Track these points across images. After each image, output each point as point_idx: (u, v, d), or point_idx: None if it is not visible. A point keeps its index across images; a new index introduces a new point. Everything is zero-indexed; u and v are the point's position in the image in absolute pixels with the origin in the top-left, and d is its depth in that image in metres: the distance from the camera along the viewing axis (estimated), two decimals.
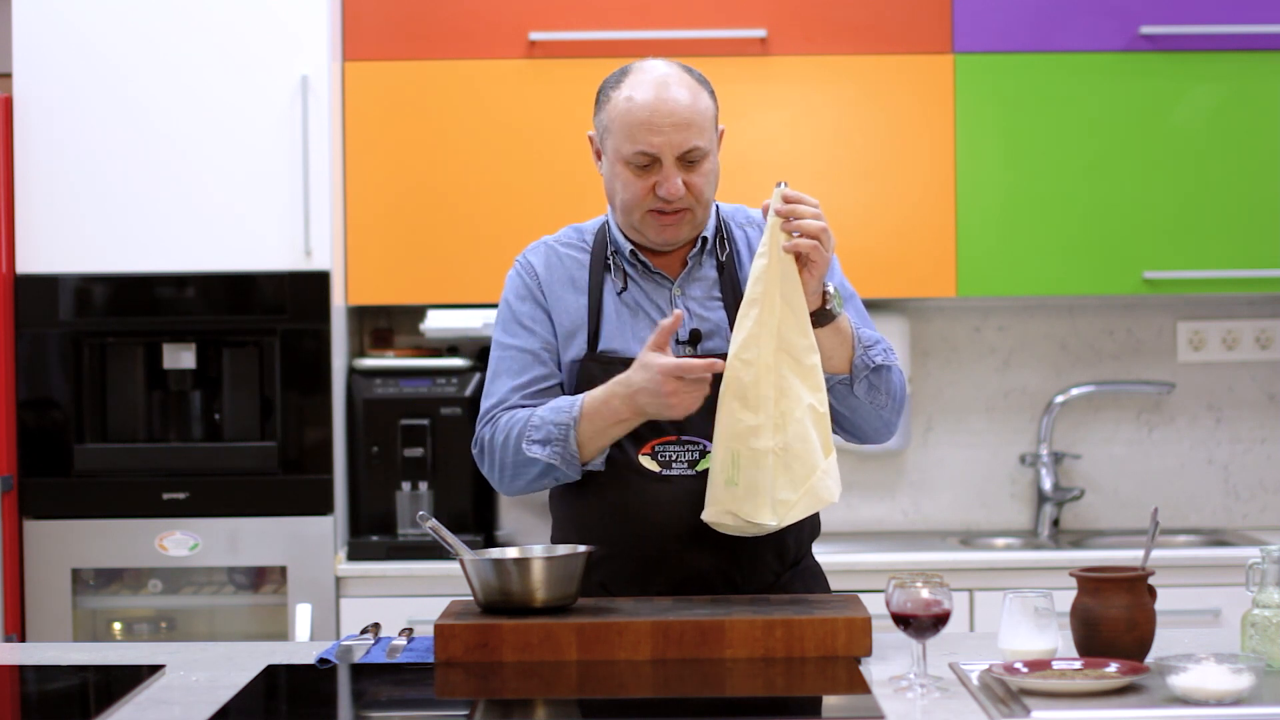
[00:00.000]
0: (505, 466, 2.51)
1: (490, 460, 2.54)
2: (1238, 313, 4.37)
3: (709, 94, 2.53)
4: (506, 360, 2.58)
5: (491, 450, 2.53)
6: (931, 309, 4.34)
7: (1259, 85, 4.01)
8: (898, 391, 2.52)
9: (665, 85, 2.48)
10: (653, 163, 2.47)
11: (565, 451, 2.45)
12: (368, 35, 3.98)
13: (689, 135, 2.46)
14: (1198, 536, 4.24)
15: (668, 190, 2.47)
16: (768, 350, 2.39)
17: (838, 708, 2.09)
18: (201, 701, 2.12)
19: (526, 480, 2.52)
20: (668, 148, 2.46)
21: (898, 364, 2.52)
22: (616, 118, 2.49)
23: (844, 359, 2.47)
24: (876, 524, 4.36)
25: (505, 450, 2.50)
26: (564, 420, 2.45)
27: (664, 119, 2.45)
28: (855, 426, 2.56)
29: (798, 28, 4.00)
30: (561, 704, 2.15)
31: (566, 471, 2.48)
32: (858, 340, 2.47)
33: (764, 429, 2.38)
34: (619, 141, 2.49)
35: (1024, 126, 4.01)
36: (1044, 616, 2.20)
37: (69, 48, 3.80)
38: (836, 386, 2.49)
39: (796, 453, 2.39)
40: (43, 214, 3.79)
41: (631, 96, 2.48)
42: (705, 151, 2.49)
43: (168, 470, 3.81)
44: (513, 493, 2.57)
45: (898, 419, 2.56)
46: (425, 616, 2.97)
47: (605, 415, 2.43)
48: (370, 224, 3.98)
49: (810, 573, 2.63)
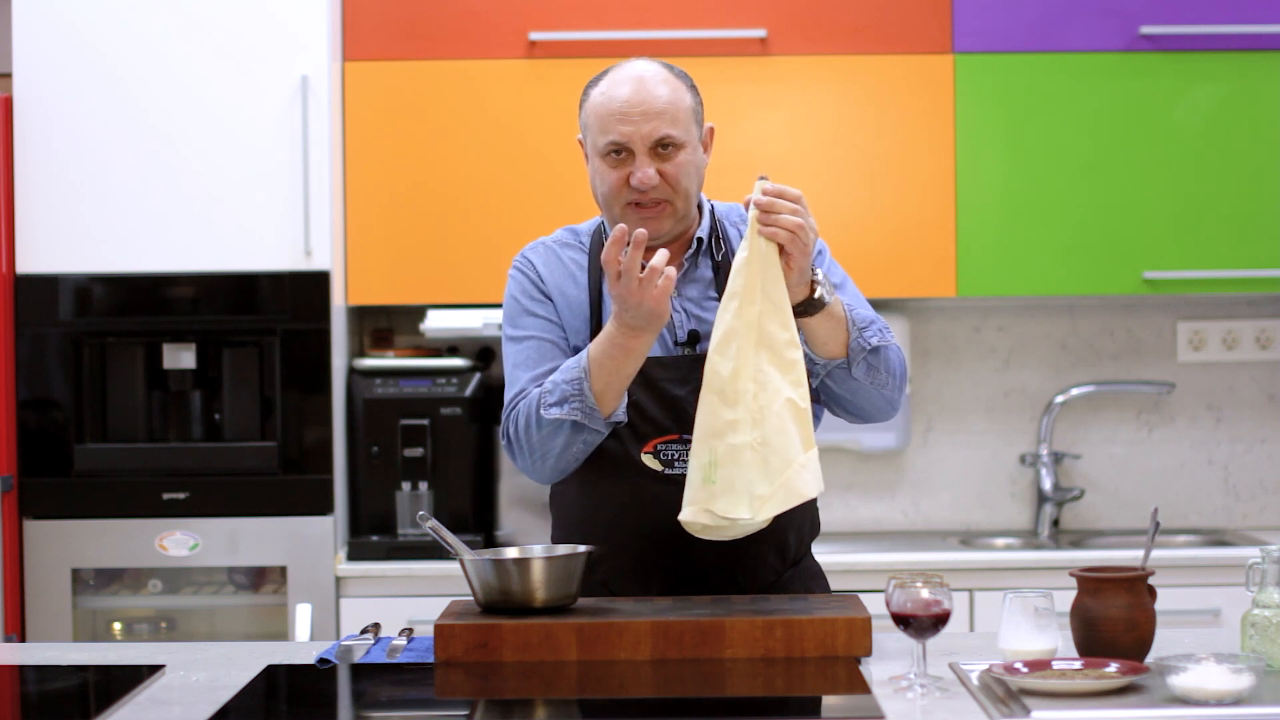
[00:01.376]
0: (534, 447, 2.48)
1: (519, 448, 2.51)
2: (1238, 313, 4.37)
3: (689, 89, 2.55)
4: (520, 353, 2.57)
5: (518, 437, 2.50)
6: (931, 309, 4.34)
7: (1259, 85, 4.01)
8: (897, 369, 2.52)
9: (640, 79, 2.51)
10: (626, 153, 2.50)
11: (584, 405, 2.41)
12: (368, 35, 3.98)
13: (659, 124, 2.48)
14: (1198, 536, 4.24)
15: (639, 179, 2.48)
16: (748, 344, 2.37)
17: (838, 708, 2.09)
18: (201, 701, 2.12)
19: (557, 453, 2.47)
20: (638, 137, 2.48)
21: (894, 341, 2.51)
22: (592, 112, 2.53)
23: (840, 342, 2.46)
24: (876, 524, 4.36)
25: (529, 430, 2.47)
26: (574, 375, 2.43)
27: (634, 108, 2.48)
28: (858, 408, 2.56)
29: (797, 28, 4.00)
30: (561, 704, 2.15)
31: (590, 426, 2.43)
32: (852, 323, 2.46)
33: (742, 424, 2.36)
34: (595, 136, 2.53)
35: (1024, 126, 4.01)
36: (1044, 616, 2.20)
37: (69, 48, 3.80)
38: (835, 371, 2.48)
39: (774, 447, 2.36)
40: (43, 214, 3.79)
41: (606, 91, 2.52)
42: (680, 141, 2.50)
43: (168, 470, 3.81)
44: (551, 476, 2.52)
45: (900, 395, 2.55)
46: (425, 616, 2.97)
47: (608, 351, 2.40)
48: (370, 224, 3.98)
49: (810, 573, 2.63)
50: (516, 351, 2.58)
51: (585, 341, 2.54)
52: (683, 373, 2.50)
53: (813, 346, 2.47)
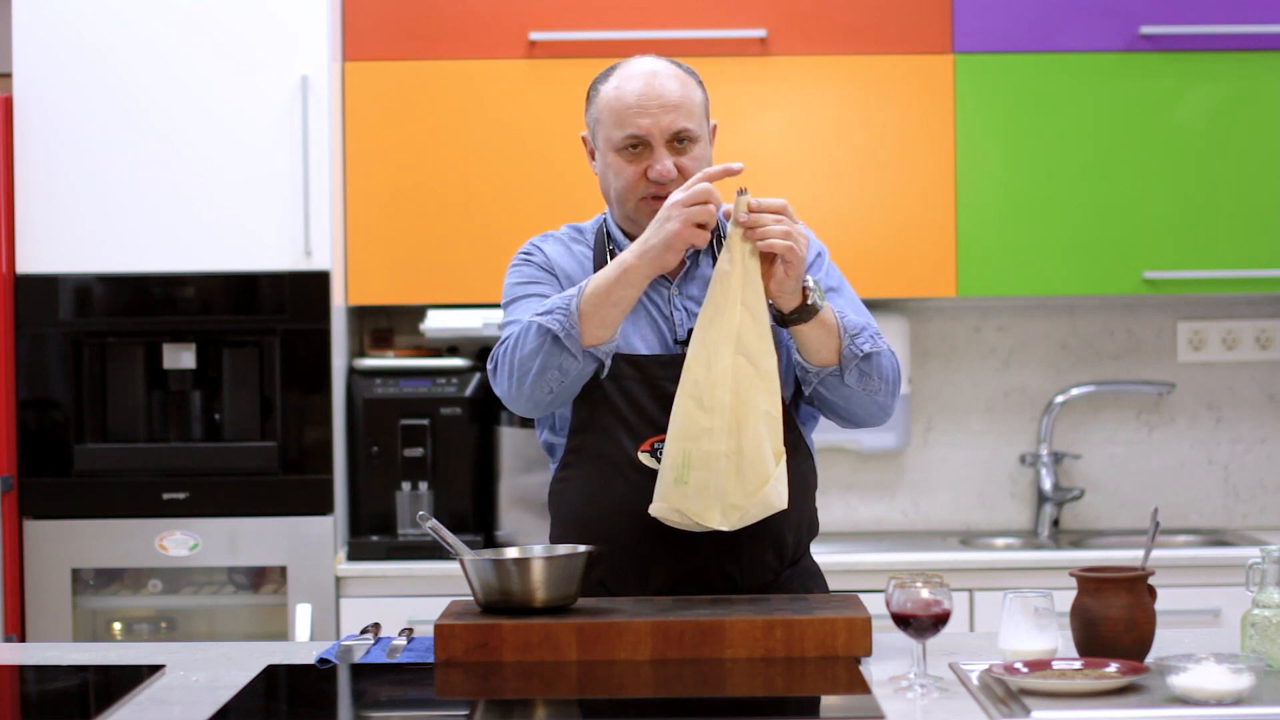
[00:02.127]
0: (513, 365, 2.44)
1: (501, 367, 2.47)
2: (1238, 313, 4.37)
3: (698, 84, 2.57)
4: (519, 308, 2.54)
5: (503, 357, 2.47)
6: (931, 309, 4.34)
7: (1259, 85, 4.01)
8: (890, 374, 2.51)
9: (653, 74, 2.52)
10: (643, 147, 2.50)
11: (567, 319, 2.39)
12: (368, 35, 3.98)
13: (677, 117, 2.49)
14: (1198, 536, 4.24)
15: (659, 172, 2.49)
16: (726, 354, 2.39)
17: (838, 708, 2.09)
18: (201, 701, 2.12)
19: (534, 374, 2.42)
20: (656, 130, 2.49)
21: (887, 347, 2.51)
22: (605, 107, 2.53)
23: (832, 349, 2.46)
24: (876, 524, 4.36)
25: (515, 348, 2.44)
26: (569, 292, 2.43)
27: (651, 101, 2.49)
28: (851, 414, 2.55)
29: (798, 28, 4.00)
30: (561, 704, 2.15)
31: (568, 346, 2.39)
32: (844, 330, 2.46)
33: (718, 431, 2.37)
34: (609, 130, 2.53)
35: (1024, 126, 4.01)
36: (1044, 616, 2.20)
37: (69, 48, 3.80)
38: (828, 378, 2.48)
39: (750, 459, 2.38)
40: (43, 214, 3.79)
41: (619, 86, 2.53)
42: (695, 135, 2.52)
43: (168, 470, 3.81)
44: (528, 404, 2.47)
45: (894, 401, 2.55)
46: (425, 616, 2.97)
47: (607, 273, 2.40)
48: (370, 224, 3.98)
49: (809, 572, 2.63)
50: (517, 308, 2.54)
51: None
52: (680, 372, 2.50)
53: (805, 354, 2.47)
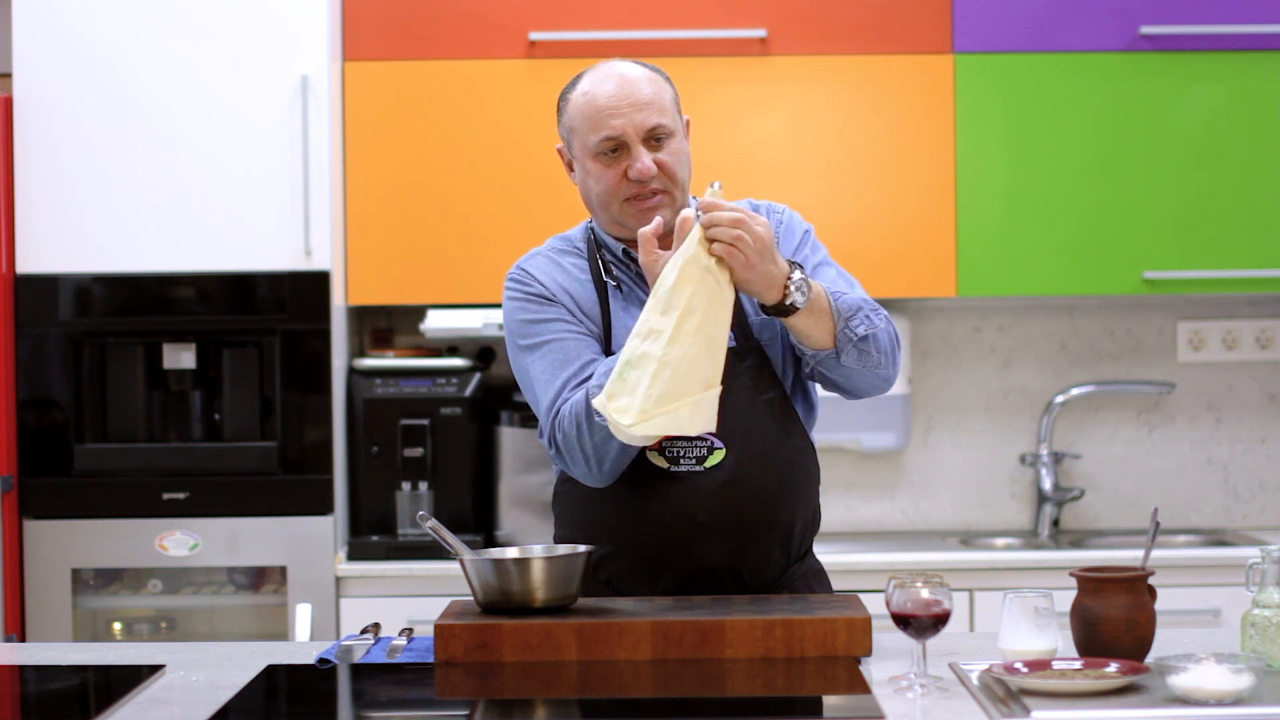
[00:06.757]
0: (588, 453, 2.43)
1: (572, 454, 2.46)
2: (1238, 313, 4.37)
3: (666, 81, 2.57)
4: (542, 360, 2.52)
5: (569, 445, 2.45)
6: (931, 309, 4.34)
7: (1259, 85, 4.01)
8: (888, 347, 2.49)
9: (621, 76, 2.52)
10: (621, 149, 2.50)
11: None
12: (368, 35, 3.98)
13: (649, 114, 2.49)
14: (1198, 536, 4.24)
15: (639, 170, 2.48)
16: (695, 271, 2.33)
17: (838, 708, 2.09)
18: (201, 701, 2.12)
19: (614, 455, 2.43)
20: (632, 128, 2.49)
21: (883, 322, 2.48)
22: (578, 114, 2.53)
23: (826, 332, 2.44)
24: (876, 524, 4.36)
25: (583, 435, 2.42)
26: None
27: (623, 101, 2.49)
28: (853, 386, 2.54)
29: (798, 28, 4.00)
30: (561, 704, 2.15)
31: None
32: (838, 314, 2.44)
33: (662, 336, 2.31)
34: (585, 136, 2.52)
35: (1024, 126, 4.01)
36: (1044, 616, 2.20)
37: (69, 48, 3.80)
38: (826, 359, 2.47)
39: (678, 373, 2.31)
40: (43, 214, 3.79)
41: (589, 91, 2.52)
42: (670, 130, 2.51)
43: (168, 470, 3.81)
44: (608, 477, 2.47)
45: (895, 370, 2.53)
46: (425, 616, 2.97)
47: None
48: (370, 224, 3.98)
49: (813, 571, 2.63)
50: (537, 360, 2.52)
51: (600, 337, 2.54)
52: None
53: (799, 340, 2.46)
